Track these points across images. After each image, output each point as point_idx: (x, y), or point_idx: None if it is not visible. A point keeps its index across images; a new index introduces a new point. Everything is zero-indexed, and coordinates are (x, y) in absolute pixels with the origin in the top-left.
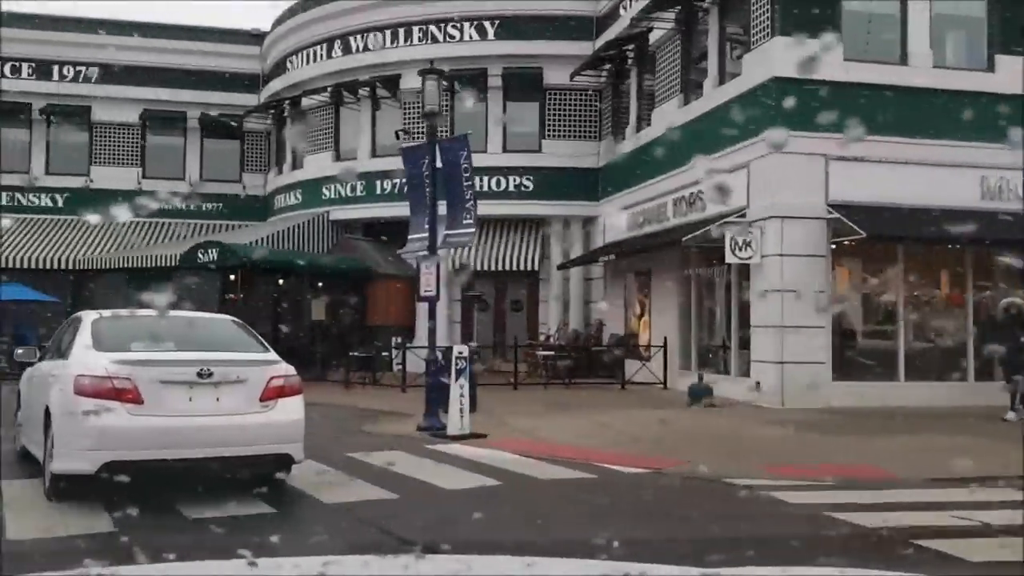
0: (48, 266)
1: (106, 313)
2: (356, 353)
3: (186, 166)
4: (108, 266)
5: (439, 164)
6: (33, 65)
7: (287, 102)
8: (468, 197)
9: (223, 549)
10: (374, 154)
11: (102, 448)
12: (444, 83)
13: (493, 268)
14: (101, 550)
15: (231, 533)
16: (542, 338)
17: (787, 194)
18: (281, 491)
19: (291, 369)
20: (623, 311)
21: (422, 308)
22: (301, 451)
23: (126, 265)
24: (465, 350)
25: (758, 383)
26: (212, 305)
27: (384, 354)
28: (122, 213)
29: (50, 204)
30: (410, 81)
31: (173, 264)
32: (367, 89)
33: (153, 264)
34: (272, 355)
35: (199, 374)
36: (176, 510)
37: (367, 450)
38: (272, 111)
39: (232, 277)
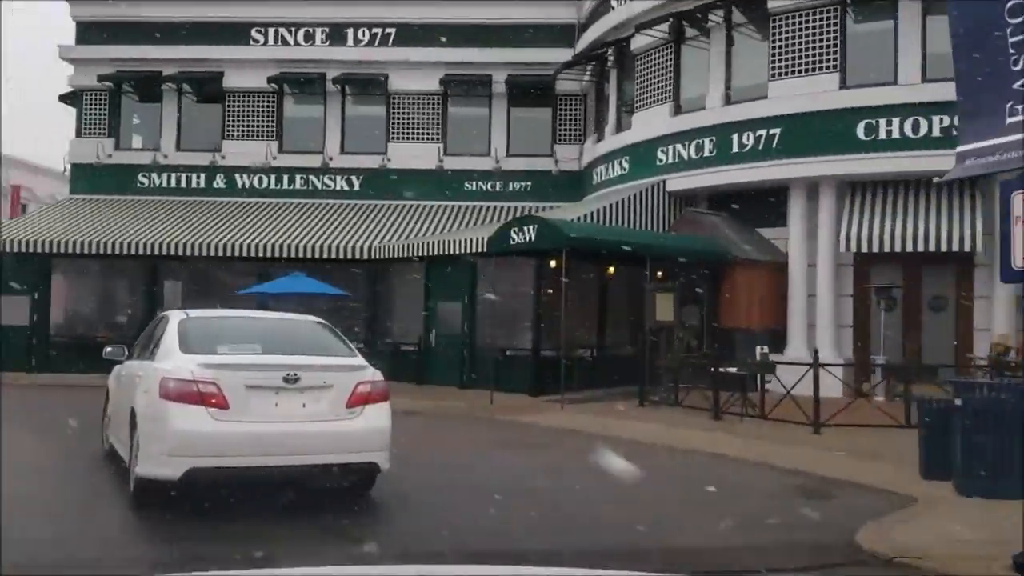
0: (338, 255)
1: (193, 313)
2: (728, 369)
3: (491, 139)
4: (403, 254)
5: None
6: (327, 29)
7: (610, 49)
8: None
9: None
10: (728, 101)
11: (186, 454)
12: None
13: (901, 249)
14: None
15: None
16: (991, 354)
17: None
18: None
19: (378, 375)
20: None
21: (796, 306)
22: (387, 460)
23: (423, 253)
24: None
25: None
26: (526, 299)
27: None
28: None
29: (345, 187)
30: None
31: (479, 250)
32: (720, 14)
33: (454, 251)
34: (359, 359)
35: (285, 379)
36: None
37: None
38: (591, 64)
39: (553, 264)
